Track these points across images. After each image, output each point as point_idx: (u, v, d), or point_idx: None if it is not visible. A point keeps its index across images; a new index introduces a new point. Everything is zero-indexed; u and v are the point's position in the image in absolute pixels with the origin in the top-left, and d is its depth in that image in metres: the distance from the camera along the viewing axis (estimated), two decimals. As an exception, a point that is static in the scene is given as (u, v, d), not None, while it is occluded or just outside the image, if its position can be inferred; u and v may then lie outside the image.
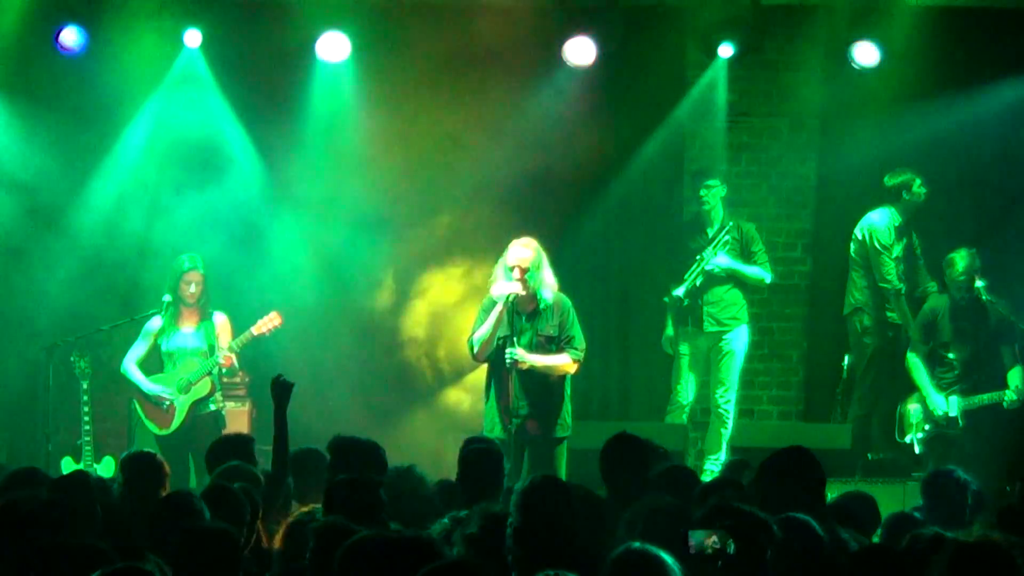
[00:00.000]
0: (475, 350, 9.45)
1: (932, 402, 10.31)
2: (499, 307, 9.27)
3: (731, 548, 4.55)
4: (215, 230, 10.92)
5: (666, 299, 10.83)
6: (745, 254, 10.88)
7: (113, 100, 10.99)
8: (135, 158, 11.18)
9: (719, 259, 10.78)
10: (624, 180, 11.51)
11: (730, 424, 10.89)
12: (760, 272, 10.89)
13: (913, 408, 10.41)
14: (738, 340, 10.95)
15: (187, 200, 11.04)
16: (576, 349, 9.42)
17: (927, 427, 10.33)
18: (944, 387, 10.37)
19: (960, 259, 10.27)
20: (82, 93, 11.00)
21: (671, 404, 11.03)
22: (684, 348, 10.97)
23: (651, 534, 4.75)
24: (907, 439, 10.38)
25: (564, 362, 9.40)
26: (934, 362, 10.43)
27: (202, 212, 10.99)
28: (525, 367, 9.25)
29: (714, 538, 4.56)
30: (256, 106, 11.09)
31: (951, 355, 10.37)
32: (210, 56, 11.03)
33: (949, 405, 10.28)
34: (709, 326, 10.87)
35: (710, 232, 10.90)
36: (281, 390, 7.15)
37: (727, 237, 10.82)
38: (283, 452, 6.94)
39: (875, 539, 6.17)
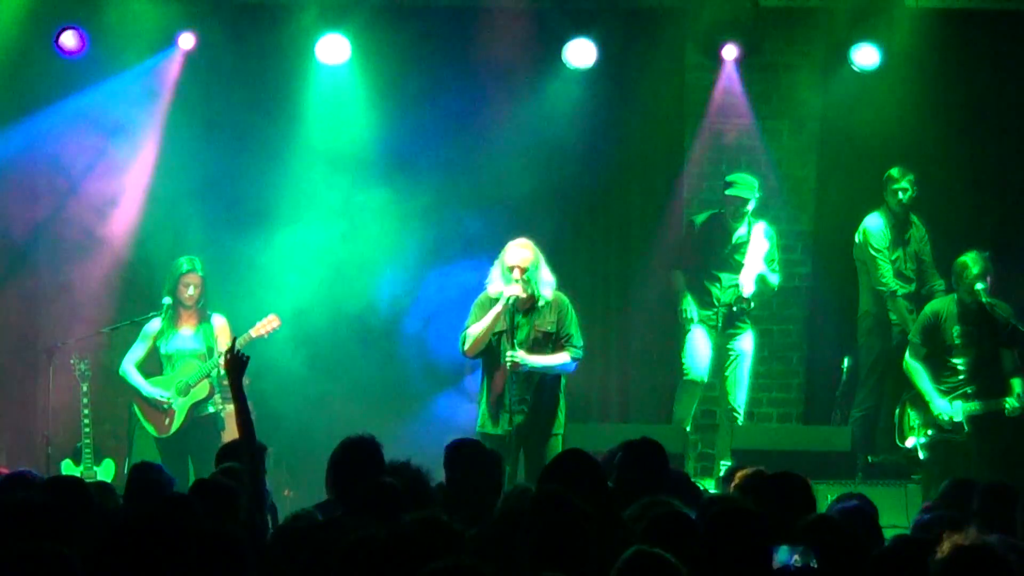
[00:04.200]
0: (465, 346, 9.41)
1: (936, 407, 10.11)
2: (497, 307, 9.25)
3: (815, 564, 4.55)
4: (214, 232, 10.94)
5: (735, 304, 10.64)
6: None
7: (112, 101, 11.00)
8: (134, 159, 11.19)
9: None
10: (624, 181, 11.51)
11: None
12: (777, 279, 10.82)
13: (912, 412, 10.30)
14: (749, 342, 10.87)
15: (185, 201, 11.06)
16: (575, 347, 9.41)
17: (929, 432, 10.19)
18: (948, 392, 10.18)
19: (974, 263, 9.99)
20: (82, 94, 11.02)
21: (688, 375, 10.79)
22: (704, 375, 10.77)
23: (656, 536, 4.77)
24: (908, 444, 10.27)
25: (563, 361, 9.40)
26: (935, 366, 10.25)
27: (200, 213, 11.01)
28: (524, 368, 9.25)
29: (797, 555, 4.56)
30: (255, 108, 11.09)
31: (956, 359, 10.16)
32: (207, 58, 11.05)
33: (954, 410, 10.16)
34: (725, 327, 10.80)
35: (734, 235, 10.67)
36: (235, 364, 6.65)
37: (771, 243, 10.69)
38: (250, 429, 6.43)
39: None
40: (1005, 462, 9.89)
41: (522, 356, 9.21)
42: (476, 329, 9.33)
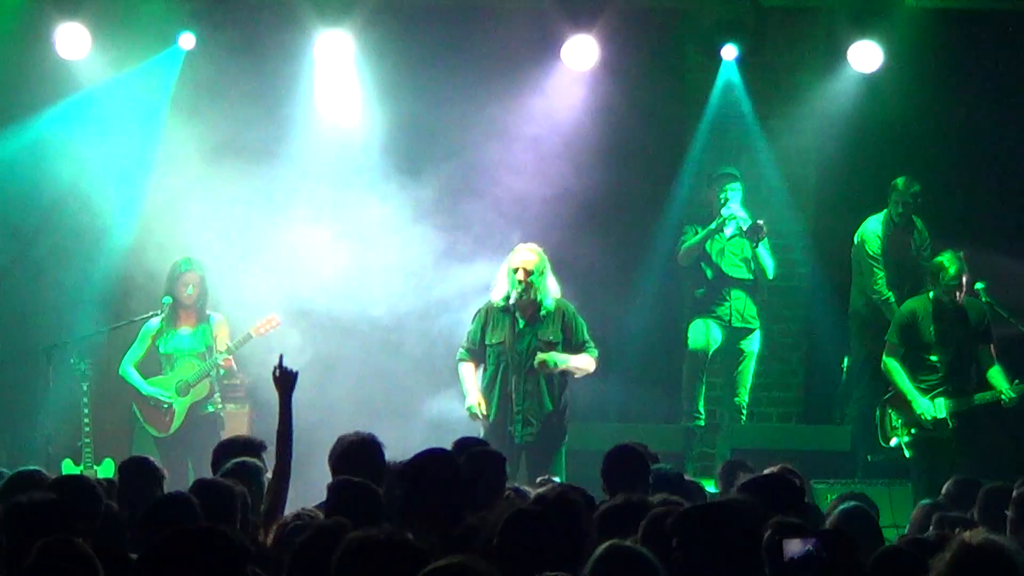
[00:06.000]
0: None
1: (919, 405, 10.06)
2: (473, 392, 9.42)
3: (824, 555, 4.57)
4: (214, 232, 10.94)
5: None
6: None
7: (112, 101, 11.01)
8: (134, 160, 11.19)
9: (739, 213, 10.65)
10: (624, 181, 11.51)
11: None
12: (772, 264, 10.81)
13: (893, 412, 10.27)
14: (757, 342, 10.89)
15: (185, 202, 11.06)
16: (594, 348, 9.49)
17: (913, 430, 10.18)
18: (927, 390, 10.14)
19: (951, 263, 9.98)
20: (81, 96, 11.03)
21: (696, 412, 10.87)
22: (709, 345, 10.82)
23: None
24: (892, 443, 10.25)
25: (588, 362, 9.48)
26: (913, 365, 10.19)
27: (201, 213, 11.01)
28: (557, 370, 9.26)
29: (809, 546, 4.57)
30: (255, 107, 11.09)
31: (934, 357, 10.13)
32: (207, 58, 11.06)
33: (936, 408, 10.15)
34: (736, 322, 10.80)
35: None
36: (286, 380, 6.77)
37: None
38: (288, 447, 6.60)
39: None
40: (989, 457, 9.93)
41: (553, 355, 9.23)
42: (465, 387, 9.53)
